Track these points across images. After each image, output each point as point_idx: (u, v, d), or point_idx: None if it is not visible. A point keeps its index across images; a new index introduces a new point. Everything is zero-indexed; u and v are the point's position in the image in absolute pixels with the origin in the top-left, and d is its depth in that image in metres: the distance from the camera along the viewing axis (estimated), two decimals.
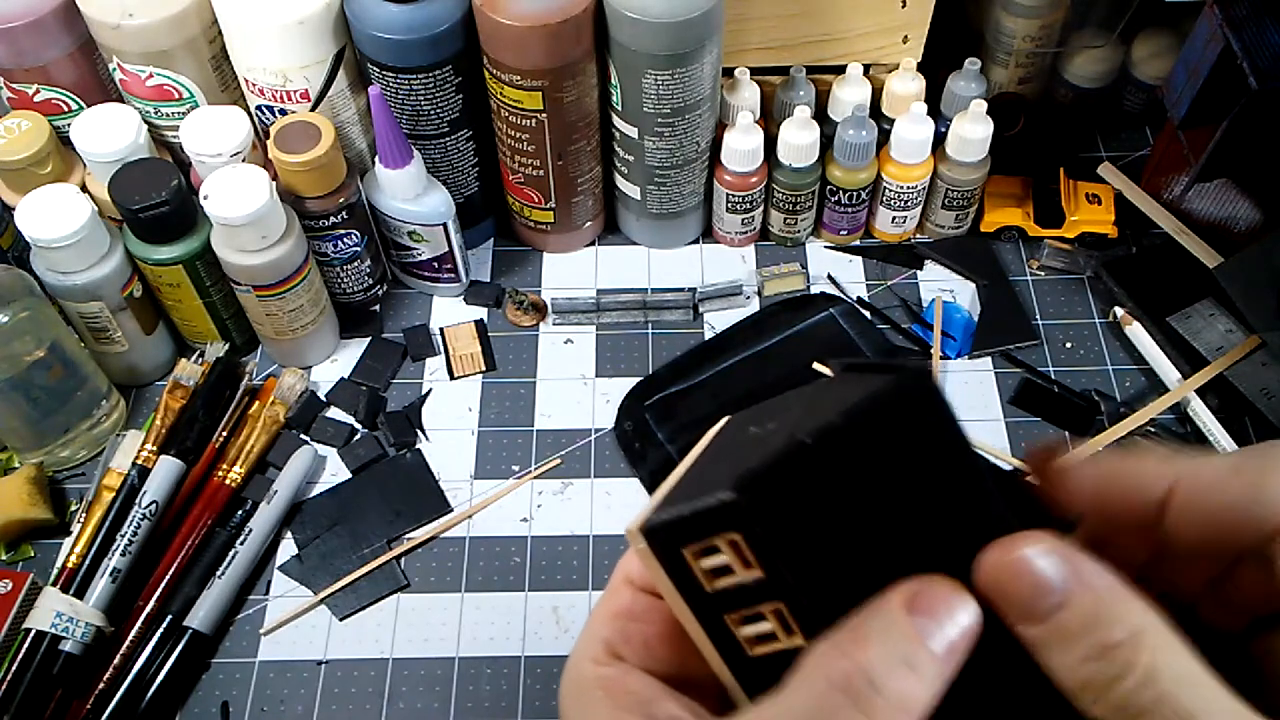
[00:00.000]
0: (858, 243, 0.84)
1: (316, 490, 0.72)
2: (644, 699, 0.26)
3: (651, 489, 0.71)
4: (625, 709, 0.26)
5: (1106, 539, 0.25)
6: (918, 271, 0.82)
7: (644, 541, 0.26)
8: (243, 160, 0.69)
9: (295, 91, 0.70)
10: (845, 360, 0.31)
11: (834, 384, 0.27)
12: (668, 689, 0.26)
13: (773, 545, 0.24)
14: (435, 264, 0.78)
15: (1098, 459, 0.25)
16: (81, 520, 0.69)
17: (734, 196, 0.79)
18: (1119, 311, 0.77)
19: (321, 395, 0.76)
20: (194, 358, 0.75)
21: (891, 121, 0.77)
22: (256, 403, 0.74)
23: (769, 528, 0.24)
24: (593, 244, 0.85)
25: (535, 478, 0.72)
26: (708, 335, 0.78)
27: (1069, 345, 0.77)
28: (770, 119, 0.80)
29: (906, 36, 0.77)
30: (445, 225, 0.75)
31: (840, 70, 0.77)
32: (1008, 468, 0.25)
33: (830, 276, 0.81)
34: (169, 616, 0.65)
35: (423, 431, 0.75)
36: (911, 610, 0.23)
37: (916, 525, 0.24)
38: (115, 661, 0.64)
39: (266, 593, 0.68)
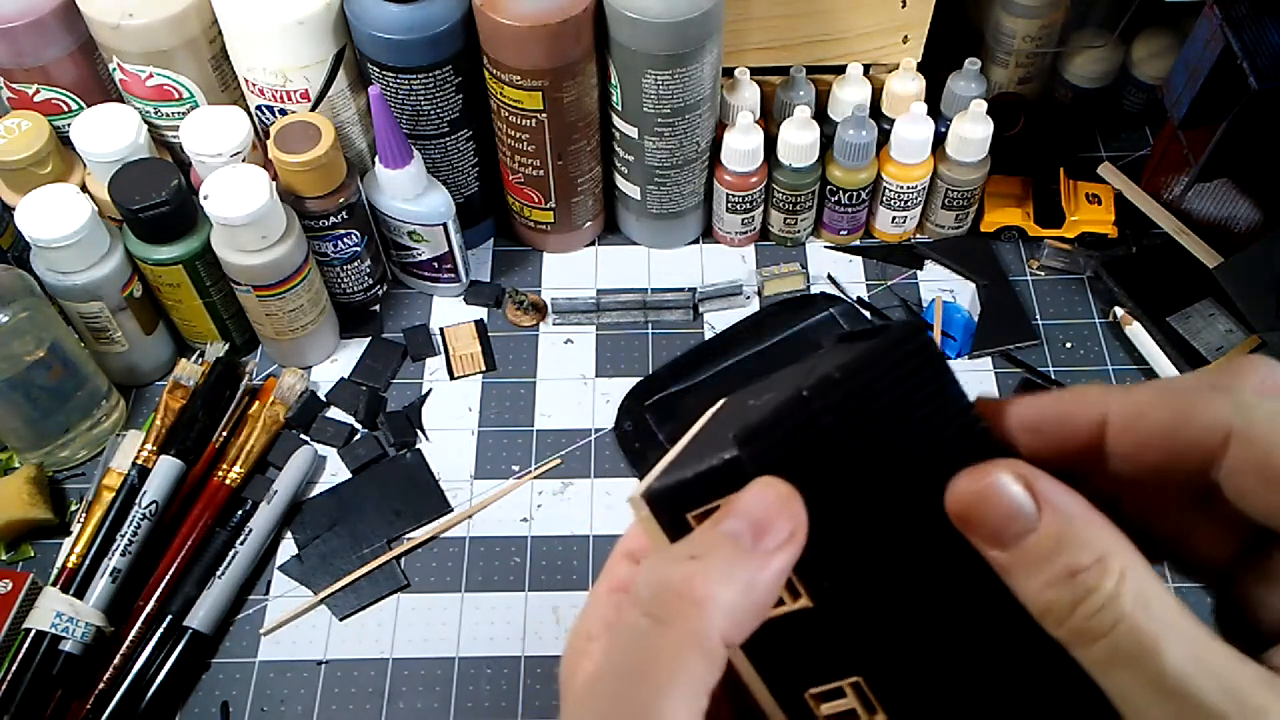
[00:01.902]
0: (858, 243, 0.84)
1: (316, 490, 0.72)
2: None
3: None
4: None
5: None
6: (918, 271, 0.82)
7: (647, 508, 0.26)
8: (243, 160, 0.69)
9: (295, 91, 0.70)
10: (840, 333, 0.31)
11: (830, 352, 0.28)
12: None
13: None
14: (435, 264, 0.78)
15: (1033, 396, 0.26)
16: (81, 520, 0.69)
17: (734, 196, 0.79)
18: (1119, 311, 0.77)
19: (321, 395, 0.76)
20: (194, 358, 0.75)
21: (891, 121, 0.77)
22: (256, 403, 0.74)
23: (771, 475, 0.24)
24: (593, 244, 0.85)
25: (535, 478, 0.72)
26: (708, 335, 0.78)
27: (1069, 345, 0.77)
28: (770, 119, 0.80)
29: (906, 36, 0.77)
30: (445, 225, 0.75)
31: (840, 70, 0.77)
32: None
33: (830, 276, 0.81)
34: (169, 616, 0.65)
35: (423, 431, 0.75)
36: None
37: (916, 472, 0.24)
38: (115, 661, 0.64)
39: (266, 593, 0.68)
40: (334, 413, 0.75)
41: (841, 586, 0.25)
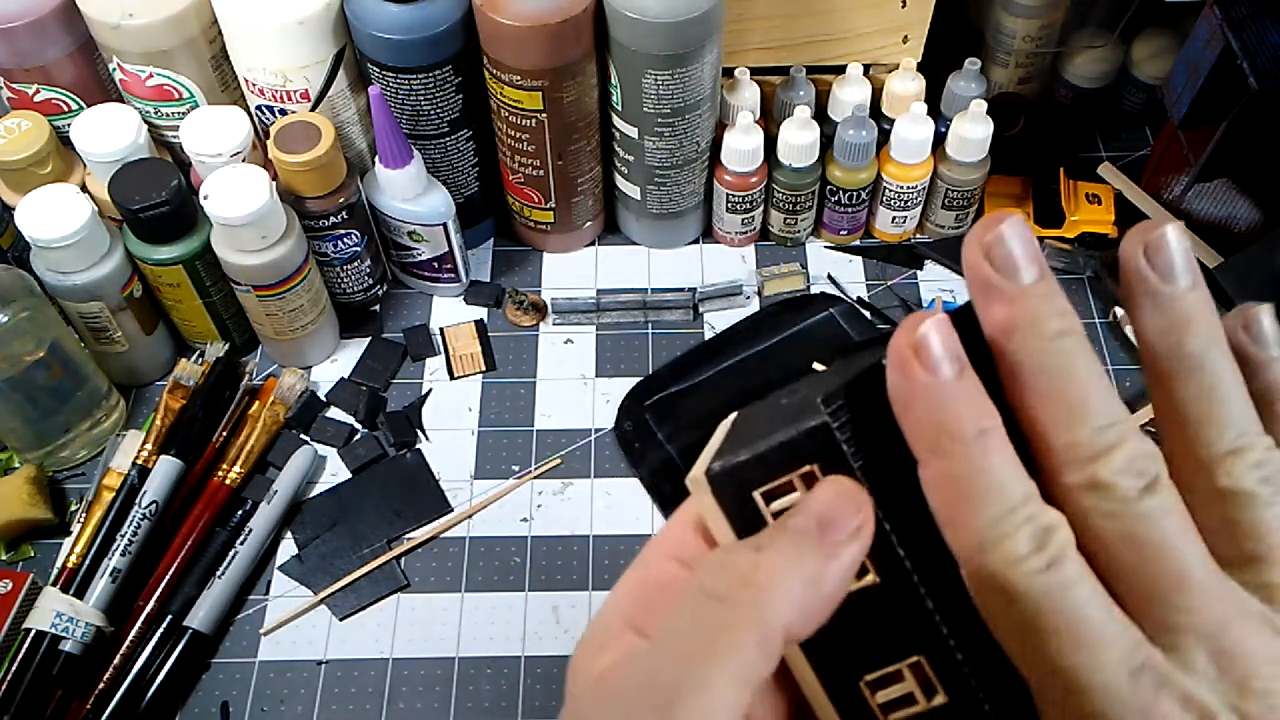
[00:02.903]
0: (858, 243, 0.84)
1: (316, 490, 0.72)
2: None
3: (651, 489, 0.71)
4: None
5: None
6: (918, 271, 0.82)
7: (709, 489, 0.25)
8: (243, 160, 0.69)
9: (295, 91, 0.70)
10: (845, 350, 0.30)
11: (847, 359, 0.27)
12: None
13: (863, 464, 0.23)
14: (435, 264, 0.78)
15: None
16: (81, 520, 0.69)
17: (734, 196, 0.79)
18: (1119, 311, 0.77)
19: (321, 395, 0.76)
20: (194, 358, 0.75)
21: (891, 121, 0.77)
22: (256, 403, 0.74)
23: (859, 444, 0.23)
24: (593, 244, 0.85)
25: (535, 478, 0.72)
26: (708, 335, 0.78)
27: None
28: (770, 119, 0.80)
29: (906, 36, 0.77)
30: (445, 225, 0.75)
31: (840, 70, 0.77)
32: None
33: (830, 276, 0.81)
34: (169, 616, 0.65)
35: (423, 431, 0.75)
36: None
37: None
38: (115, 661, 0.64)
39: (266, 593, 0.68)
40: (334, 413, 0.75)
41: (918, 558, 0.24)
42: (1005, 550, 0.20)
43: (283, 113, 0.71)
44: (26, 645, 0.63)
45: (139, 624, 0.65)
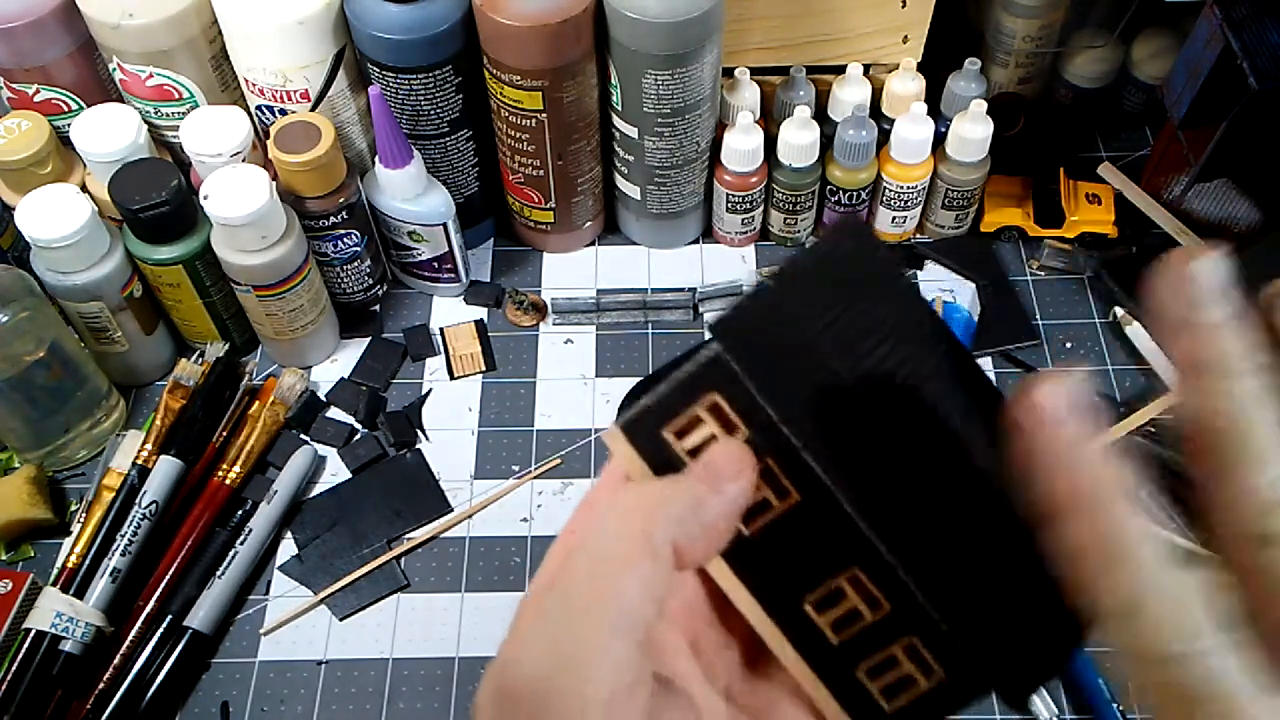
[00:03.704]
0: None
1: (316, 490, 0.72)
2: None
3: None
4: None
5: None
6: (918, 271, 0.82)
7: (624, 437, 0.26)
8: (243, 160, 0.69)
9: (295, 91, 0.70)
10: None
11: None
12: None
13: (759, 385, 0.24)
14: (435, 264, 0.78)
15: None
16: (81, 520, 0.69)
17: (734, 196, 0.79)
18: (1119, 311, 0.77)
19: (321, 395, 0.76)
20: (194, 358, 0.75)
21: (891, 121, 0.77)
22: (256, 403, 0.74)
23: (752, 366, 0.24)
24: (593, 244, 0.85)
25: (535, 478, 0.72)
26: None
27: (1069, 345, 0.77)
28: (770, 119, 0.80)
29: (906, 36, 0.77)
30: (445, 225, 0.75)
31: (840, 70, 0.77)
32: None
33: None
34: (169, 616, 0.65)
35: (423, 431, 0.75)
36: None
37: (881, 356, 0.25)
38: (115, 661, 0.64)
39: (266, 593, 0.68)
40: (334, 413, 0.75)
41: (833, 471, 0.25)
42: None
43: (283, 113, 0.71)
44: (26, 645, 0.63)
45: (139, 624, 0.65)
